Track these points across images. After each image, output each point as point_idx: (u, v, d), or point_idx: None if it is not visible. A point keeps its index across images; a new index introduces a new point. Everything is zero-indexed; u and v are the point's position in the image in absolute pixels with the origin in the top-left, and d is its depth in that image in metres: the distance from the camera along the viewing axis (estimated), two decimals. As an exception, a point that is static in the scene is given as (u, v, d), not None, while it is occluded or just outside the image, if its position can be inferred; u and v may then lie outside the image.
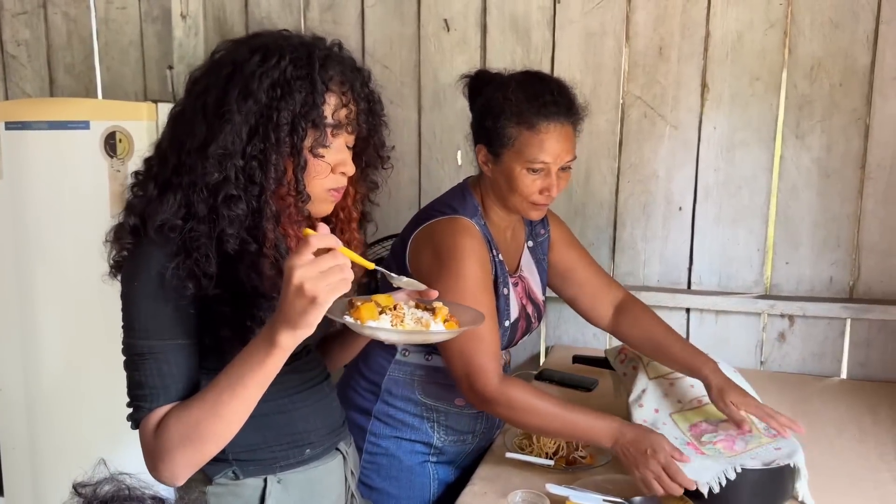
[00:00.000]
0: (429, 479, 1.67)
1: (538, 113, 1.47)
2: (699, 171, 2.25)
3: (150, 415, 1.03)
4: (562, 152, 1.49)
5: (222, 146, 1.03)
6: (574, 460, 1.58)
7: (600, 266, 1.85)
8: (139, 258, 1.05)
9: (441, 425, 1.65)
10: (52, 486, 2.21)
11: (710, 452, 1.45)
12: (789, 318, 2.22)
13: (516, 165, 1.49)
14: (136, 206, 1.08)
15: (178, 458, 1.00)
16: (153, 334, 1.04)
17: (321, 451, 1.25)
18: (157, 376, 1.03)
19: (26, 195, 2.09)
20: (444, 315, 1.15)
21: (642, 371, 1.67)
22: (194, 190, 1.03)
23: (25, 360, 2.19)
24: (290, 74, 1.04)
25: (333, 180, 1.12)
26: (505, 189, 1.54)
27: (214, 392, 1.00)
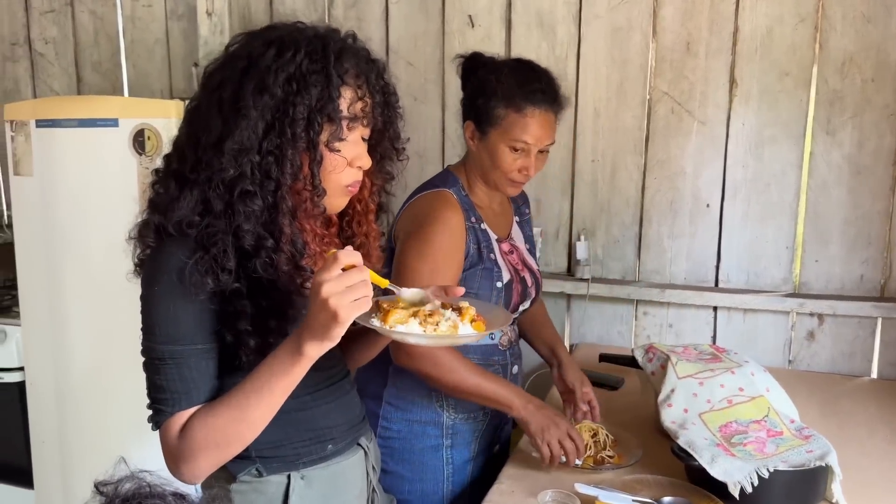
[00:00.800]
0: (442, 462, 1.70)
1: (527, 98, 1.59)
2: (727, 168, 2.22)
3: (172, 418, 1.04)
4: (543, 136, 1.61)
5: (238, 141, 1.02)
6: (602, 460, 1.57)
7: None
8: (159, 258, 1.05)
9: (449, 403, 1.69)
10: (80, 479, 2.23)
11: (740, 454, 1.44)
12: (819, 317, 2.19)
13: (500, 143, 1.61)
14: (158, 204, 1.08)
15: (202, 460, 1.02)
16: (175, 339, 1.04)
17: (343, 447, 1.25)
18: (178, 381, 1.04)
19: (56, 192, 2.11)
20: (472, 315, 1.14)
21: (671, 370, 1.65)
22: (210, 186, 1.03)
23: (55, 356, 2.22)
24: (305, 68, 1.04)
25: (350, 175, 1.12)
26: (487, 164, 1.65)
27: (241, 397, 1.01)
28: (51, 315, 2.19)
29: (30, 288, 2.25)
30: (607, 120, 2.32)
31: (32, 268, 2.22)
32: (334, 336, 0.95)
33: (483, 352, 1.70)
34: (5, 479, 2.56)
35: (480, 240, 1.66)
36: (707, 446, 1.45)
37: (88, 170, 2.06)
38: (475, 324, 1.14)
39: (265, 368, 1.00)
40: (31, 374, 2.32)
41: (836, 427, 1.76)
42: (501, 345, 1.73)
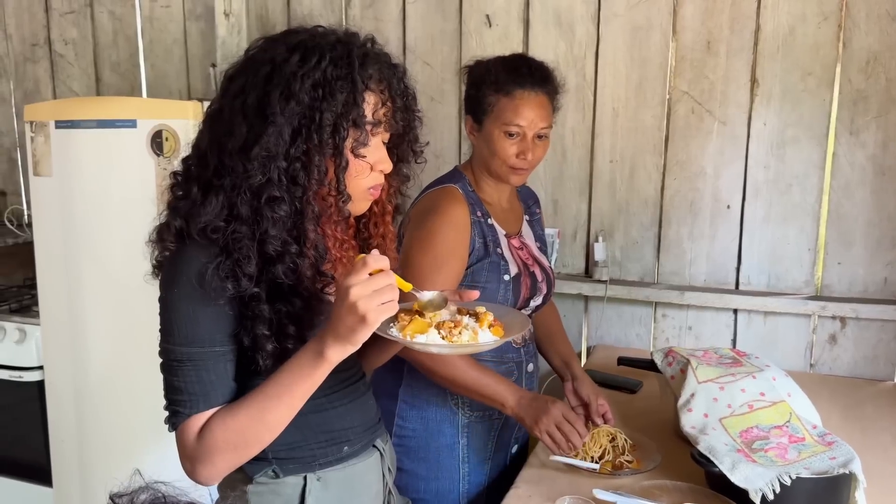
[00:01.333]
0: (458, 461, 1.70)
1: (514, 81, 1.61)
2: (748, 169, 2.20)
3: (190, 420, 1.04)
4: (536, 118, 1.62)
5: (265, 148, 1.02)
6: (621, 465, 1.55)
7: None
8: (179, 261, 1.05)
9: (465, 401, 1.68)
10: (98, 478, 2.26)
11: (762, 460, 1.42)
12: (841, 320, 2.16)
13: (495, 129, 1.63)
14: (180, 209, 1.07)
15: (220, 462, 1.03)
16: (193, 341, 1.04)
17: (359, 449, 1.25)
18: (196, 383, 1.04)
19: (75, 192, 2.12)
20: (489, 320, 1.14)
21: (691, 374, 1.63)
22: (237, 192, 1.03)
23: (74, 356, 2.23)
24: (330, 75, 1.04)
25: (372, 178, 1.13)
26: (487, 154, 1.66)
27: (261, 399, 1.02)
28: (69, 315, 2.21)
29: (49, 287, 2.27)
30: (626, 120, 2.30)
31: (51, 267, 2.24)
32: (359, 340, 0.96)
33: (496, 350, 1.66)
34: (25, 476, 2.58)
35: (487, 234, 1.66)
36: (728, 452, 1.43)
37: (107, 170, 2.07)
38: (493, 328, 1.13)
39: (286, 371, 1.01)
40: (49, 374, 2.34)
41: (858, 432, 1.73)
42: (515, 342, 1.72)
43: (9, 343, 2.48)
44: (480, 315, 1.14)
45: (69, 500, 2.35)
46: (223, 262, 1.02)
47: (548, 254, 1.90)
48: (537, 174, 2.41)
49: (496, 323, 1.15)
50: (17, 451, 2.59)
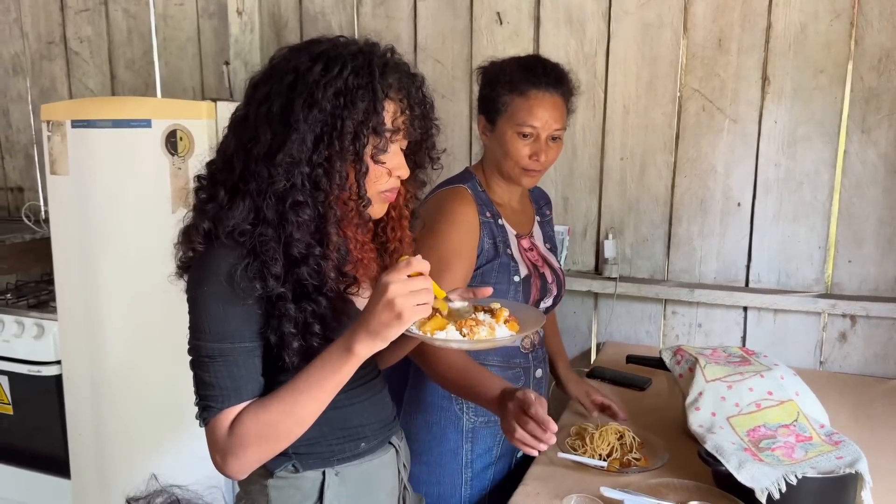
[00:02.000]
0: (461, 466, 1.70)
1: (529, 81, 1.60)
2: (759, 167, 2.19)
3: (222, 414, 1.07)
4: (550, 120, 1.61)
5: (289, 155, 1.06)
6: (628, 462, 1.57)
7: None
8: (209, 262, 1.09)
9: (469, 405, 1.67)
10: (116, 470, 2.30)
11: (768, 459, 1.43)
12: (851, 318, 2.15)
13: (508, 130, 1.61)
14: (207, 211, 1.11)
15: (251, 455, 1.07)
16: (223, 337, 1.07)
17: (375, 445, 1.28)
18: (227, 378, 1.08)
19: (91, 191, 2.15)
20: (504, 316, 1.16)
21: (699, 373, 1.64)
22: (263, 197, 1.07)
23: (91, 351, 2.27)
24: (352, 83, 1.07)
25: (389, 183, 1.16)
26: (499, 154, 1.65)
27: (293, 394, 1.06)
28: (86, 310, 2.24)
29: (66, 284, 2.30)
30: (637, 117, 2.30)
31: (68, 264, 2.27)
32: (390, 336, 1.00)
33: (504, 354, 1.69)
34: (43, 468, 2.63)
35: (496, 235, 1.66)
36: (734, 451, 1.44)
37: (122, 169, 2.10)
38: (509, 324, 1.16)
39: (315, 367, 1.05)
40: (67, 368, 2.38)
41: (868, 431, 1.73)
42: (524, 347, 1.73)
43: (27, 338, 2.52)
44: (496, 311, 1.17)
45: (87, 492, 2.39)
46: (251, 264, 1.06)
47: (558, 254, 1.90)
48: (548, 172, 2.41)
49: (511, 319, 1.17)
50: (36, 443, 2.64)
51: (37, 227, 2.92)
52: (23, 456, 2.67)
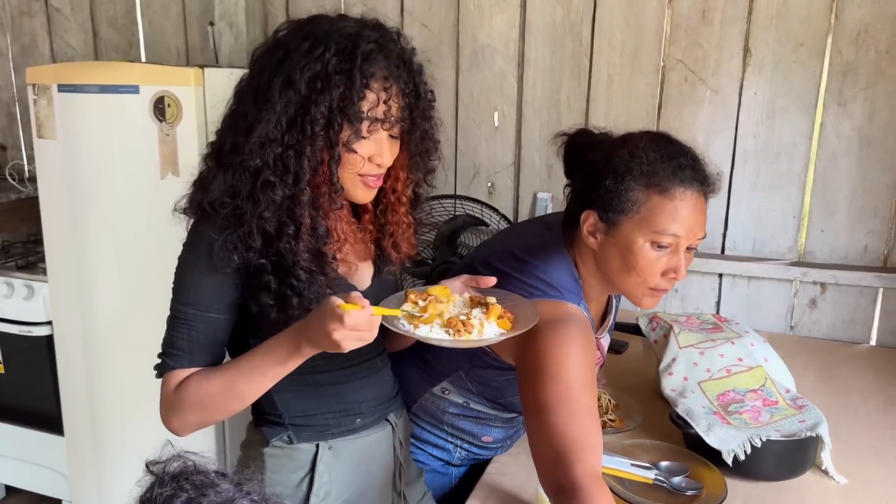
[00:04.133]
0: (451, 479, 1.61)
1: (674, 175, 1.21)
2: (738, 137, 2.24)
3: (173, 372, 1.13)
4: (695, 226, 1.23)
5: (262, 133, 1.06)
6: (604, 424, 1.64)
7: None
8: (196, 231, 1.13)
9: (463, 450, 1.57)
10: (110, 427, 2.35)
11: (736, 422, 1.51)
12: (821, 286, 2.23)
13: (639, 237, 1.22)
14: (200, 182, 1.14)
15: (189, 417, 1.13)
16: (193, 302, 1.12)
17: (371, 422, 1.30)
18: (186, 341, 1.13)
19: (79, 155, 2.16)
20: (498, 312, 1.12)
21: (673, 339, 1.71)
22: (240, 171, 1.08)
23: (81, 312, 2.30)
24: (331, 68, 1.05)
25: (367, 168, 1.13)
26: (618, 267, 1.26)
27: (235, 372, 1.10)
28: (76, 272, 2.26)
29: (55, 245, 2.32)
30: (620, 86, 2.33)
31: (57, 227, 2.28)
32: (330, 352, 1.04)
33: None
34: (37, 426, 2.67)
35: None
36: (704, 415, 1.52)
37: (110, 135, 2.10)
38: (501, 321, 1.12)
39: (262, 352, 1.09)
40: (58, 329, 2.41)
41: (831, 394, 1.82)
42: None
43: (17, 299, 2.54)
44: (490, 307, 1.13)
45: (81, 448, 2.45)
46: (229, 236, 1.08)
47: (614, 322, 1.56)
48: (532, 140, 2.45)
49: (506, 315, 1.13)
50: (29, 401, 2.67)
51: (21, 187, 2.90)
52: (16, 413, 2.71)
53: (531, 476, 1.36)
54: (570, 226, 1.34)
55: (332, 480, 1.26)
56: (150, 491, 0.74)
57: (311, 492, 1.24)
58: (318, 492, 1.24)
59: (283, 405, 1.23)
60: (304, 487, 1.24)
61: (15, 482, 2.84)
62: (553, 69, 2.39)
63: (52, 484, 2.70)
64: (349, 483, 1.29)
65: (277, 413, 1.24)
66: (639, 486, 1.38)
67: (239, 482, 0.78)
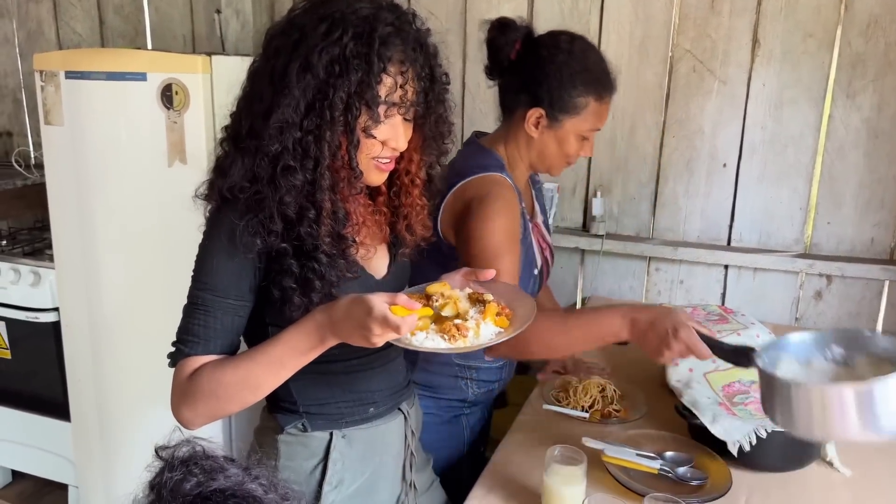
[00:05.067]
0: (462, 428, 1.76)
1: (609, 86, 1.53)
2: (746, 128, 2.23)
3: (187, 360, 1.11)
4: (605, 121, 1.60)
5: (282, 117, 1.04)
6: (609, 413, 1.65)
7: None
8: (216, 217, 1.12)
9: (473, 380, 1.71)
10: (114, 413, 2.36)
11: (742, 413, 1.51)
12: (827, 278, 2.23)
13: (574, 131, 1.52)
14: (219, 167, 1.12)
15: (201, 408, 1.10)
16: (210, 288, 1.10)
17: (384, 411, 1.31)
18: (202, 327, 1.11)
19: (86, 142, 2.15)
20: (495, 311, 1.13)
21: (679, 331, 1.71)
22: (259, 156, 1.06)
23: (88, 299, 2.30)
24: (349, 52, 1.03)
25: (382, 152, 1.13)
26: (552, 152, 1.57)
27: (251, 363, 1.08)
28: (83, 259, 2.26)
29: (62, 233, 2.32)
30: (628, 76, 2.32)
31: (64, 214, 2.28)
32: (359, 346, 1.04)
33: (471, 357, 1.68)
34: (44, 411, 2.68)
35: (524, 223, 1.60)
36: (709, 405, 1.52)
37: (117, 122, 2.10)
38: (499, 318, 1.12)
39: (281, 343, 1.07)
40: (65, 316, 2.41)
41: (836, 386, 1.82)
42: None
43: (24, 285, 2.54)
44: (487, 306, 1.13)
45: (87, 434, 2.46)
46: (250, 220, 1.07)
47: (547, 216, 1.86)
48: (539, 129, 2.44)
49: (503, 311, 1.14)
50: (35, 387, 2.68)
51: (27, 173, 2.90)
52: (22, 399, 2.72)
53: (536, 464, 1.39)
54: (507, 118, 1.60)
55: (345, 468, 1.27)
56: (160, 475, 0.74)
57: (324, 479, 1.24)
58: (331, 479, 1.25)
59: (297, 393, 1.24)
60: (318, 475, 1.25)
61: (21, 467, 2.85)
62: (560, 59, 2.37)
63: (58, 469, 2.71)
64: (361, 471, 1.29)
65: (292, 400, 1.24)
66: (644, 476, 1.38)
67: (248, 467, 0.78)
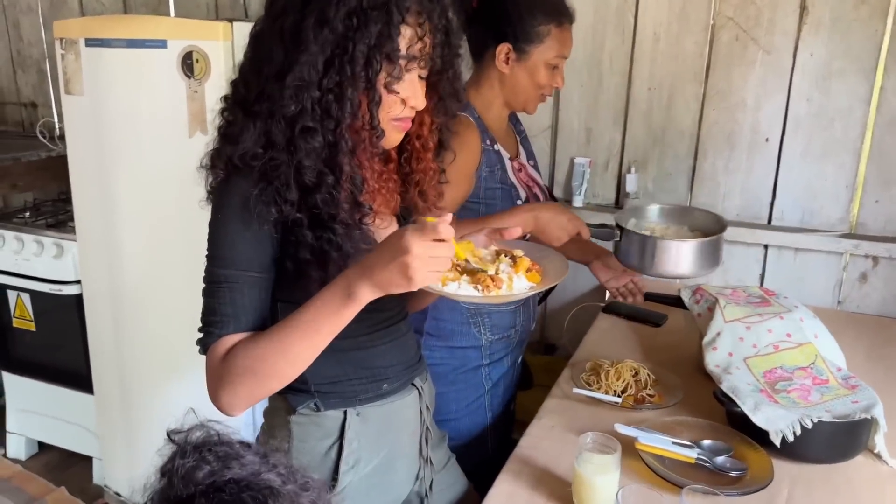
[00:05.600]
0: (482, 379, 1.78)
1: (565, 11, 1.62)
2: (790, 101, 2.12)
3: (219, 341, 1.05)
4: (571, 48, 1.66)
5: (299, 77, 1.00)
6: (642, 399, 1.59)
7: None
8: (226, 188, 1.07)
9: (486, 326, 1.74)
10: (137, 385, 2.35)
11: (784, 401, 1.44)
12: (873, 259, 2.13)
13: (542, 61, 1.61)
14: (228, 135, 1.07)
15: (240, 389, 1.03)
16: (231, 263, 1.05)
17: (398, 387, 1.27)
18: (229, 304, 1.05)
19: (107, 112, 2.11)
20: (526, 265, 1.11)
21: (719, 313, 1.64)
22: (273, 120, 1.02)
23: (110, 271, 2.28)
24: (366, 3, 0.99)
25: (402, 111, 1.10)
26: (523, 85, 1.64)
27: (285, 331, 1.02)
28: (105, 231, 2.24)
29: (84, 205, 2.30)
30: (667, 46, 2.21)
31: (86, 185, 2.26)
32: (394, 292, 0.96)
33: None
34: (68, 384, 2.69)
35: (495, 162, 1.66)
36: (750, 392, 1.45)
37: (138, 91, 2.05)
38: (530, 274, 1.11)
39: (313, 306, 1.00)
40: (87, 288, 2.40)
41: (882, 372, 1.74)
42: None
43: (47, 257, 2.54)
44: (518, 260, 1.11)
45: (110, 406, 2.45)
46: (265, 189, 1.03)
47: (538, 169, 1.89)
48: (571, 101, 2.35)
49: (534, 267, 1.12)
50: (59, 359, 2.69)
51: (52, 145, 2.89)
52: (47, 371, 2.73)
53: (566, 451, 1.33)
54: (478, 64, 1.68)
55: (362, 447, 1.23)
56: (172, 461, 0.70)
57: (340, 460, 1.20)
58: (348, 459, 1.21)
59: (308, 371, 1.16)
60: (333, 455, 1.21)
61: (47, 438, 2.87)
62: (595, 27, 2.28)
63: (82, 441, 2.73)
64: (377, 449, 1.26)
65: (303, 379, 1.17)
66: (680, 465, 1.33)
67: (265, 454, 0.73)
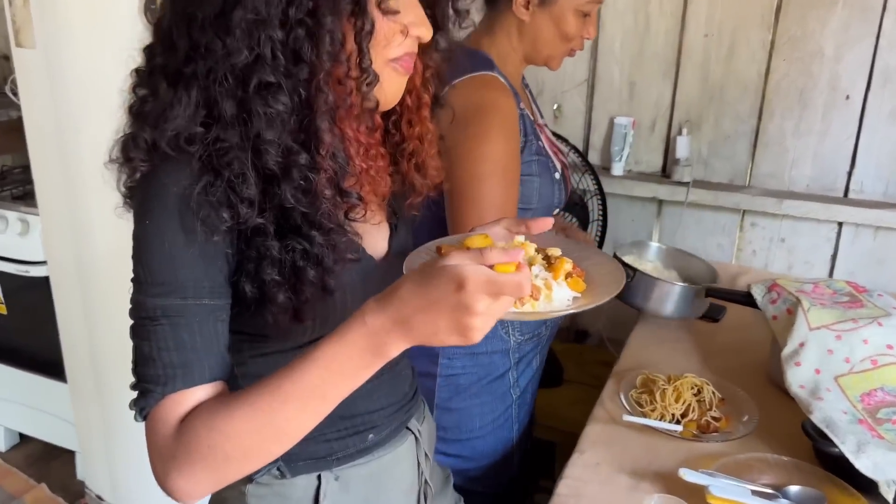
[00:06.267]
0: (509, 387, 1.56)
1: None
2: (878, 51, 1.83)
3: (164, 403, 0.76)
4: None
5: (252, 10, 0.72)
6: (707, 425, 1.29)
7: None
8: (152, 185, 0.76)
9: (514, 325, 1.52)
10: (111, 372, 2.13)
11: (889, 435, 1.16)
12: (973, 240, 1.83)
13: (571, 7, 1.39)
14: (147, 115, 0.77)
15: (203, 474, 0.74)
16: (171, 290, 0.76)
17: (388, 435, 1.00)
18: (174, 350, 0.76)
19: (64, 68, 1.84)
20: (566, 269, 0.81)
21: (801, 318, 1.33)
22: (215, 80, 0.74)
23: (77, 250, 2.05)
24: None
25: (405, 46, 0.82)
26: (547, 36, 1.42)
27: (275, 399, 0.72)
28: (69, 207, 2.00)
29: (45, 177, 2.05)
30: (728, -19, 1.91)
31: (45, 152, 2.01)
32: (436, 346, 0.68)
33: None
34: (41, 371, 2.51)
35: (528, 127, 1.42)
36: (849, 426, 1.17)
37: (97, 43, 1.76)
38: (571, 280, 0.81)
39: (318, 365, 0.71)
40: (53, 268, 2.17)
41: None
42: None
43: (12, 234, 2.32)
44: (554, 261, 0.82)
45: (85, 397, 2.25)
46: (211, 184, 0.74)
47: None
48: (612, 50, 2.04)
49: (574, 272, 0.82)
50: (32, 345, 2.51)
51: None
52: (22, 358, 2.55)
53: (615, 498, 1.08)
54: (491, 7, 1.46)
55: None
56: None
57: None
58: None
59: None
60: None
61: (26, 430, 2.70)
62: (641, -40, 1.98)
63: (62, 433, 2.56)
64: None
65: None
66: (764, 524, 1.05)
67: None
